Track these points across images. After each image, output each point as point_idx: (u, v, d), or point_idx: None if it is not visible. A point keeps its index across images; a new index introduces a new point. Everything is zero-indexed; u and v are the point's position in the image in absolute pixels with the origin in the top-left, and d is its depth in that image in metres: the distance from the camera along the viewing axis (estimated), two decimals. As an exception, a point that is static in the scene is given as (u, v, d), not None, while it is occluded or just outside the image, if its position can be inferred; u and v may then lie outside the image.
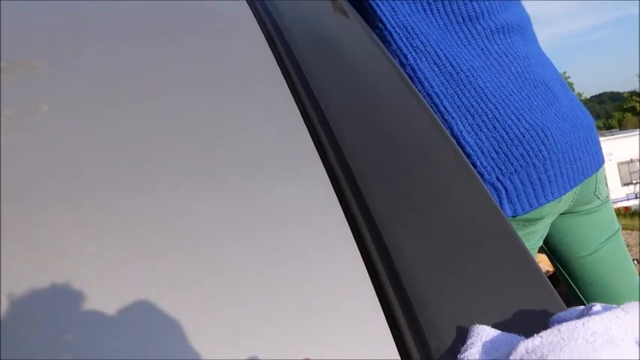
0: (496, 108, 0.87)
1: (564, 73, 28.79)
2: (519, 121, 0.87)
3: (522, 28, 0.97)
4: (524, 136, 0.86)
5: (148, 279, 0.42)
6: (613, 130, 27.59)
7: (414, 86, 0.73)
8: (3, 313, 0.39)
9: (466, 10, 0.91)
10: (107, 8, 0.67)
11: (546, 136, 0.87)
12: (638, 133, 14.69)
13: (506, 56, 0.92)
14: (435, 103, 0.89)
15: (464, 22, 0.92)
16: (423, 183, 0.56)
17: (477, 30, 0.92)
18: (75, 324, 0.39)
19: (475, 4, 0.91)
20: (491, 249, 0.51)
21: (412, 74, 0.90)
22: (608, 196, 1.07)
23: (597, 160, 0.98)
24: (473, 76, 0.88)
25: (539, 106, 0.90)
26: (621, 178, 14.30)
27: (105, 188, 0.46)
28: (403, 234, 0.49)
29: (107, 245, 0.43)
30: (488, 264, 0.49)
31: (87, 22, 0.64)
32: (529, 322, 0.43)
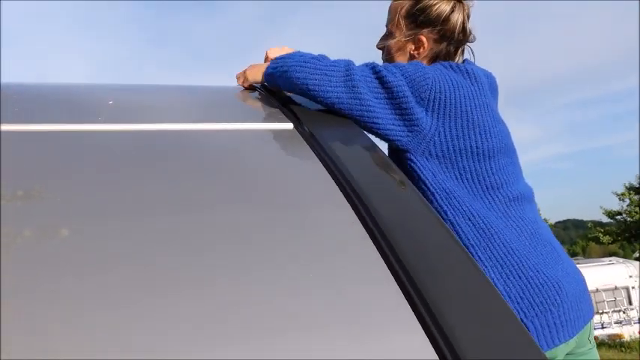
0: (520, 261, 1.07)
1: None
2: (539, 273, 1.07)
3: (530, 198, 1.21)
4: (543, 287, 1.06)
5: None
6: (578, 257, 28.43)
7: (457, 239, 0.91)
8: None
9: (490, 180, 1.14)
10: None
11: (560, 287, 1.07)
12: (601, 263, 15.16)
13: (522, 220, 1.14)
14: (470, 253, 1.08)
15: (487, 190, 1.14)
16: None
17: (498, 197, 1.14)
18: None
19: (496, 176, 1.15)
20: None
21: (451, 228, 1.10)
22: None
23: (591, 310, 1.17)
24: (500, 233, 1.09)
25: (550, 262, 1.11)
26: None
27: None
28: None
29: None
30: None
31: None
32: None
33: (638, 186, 28.12)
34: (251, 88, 1.24)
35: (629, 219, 27.34)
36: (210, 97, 1.17)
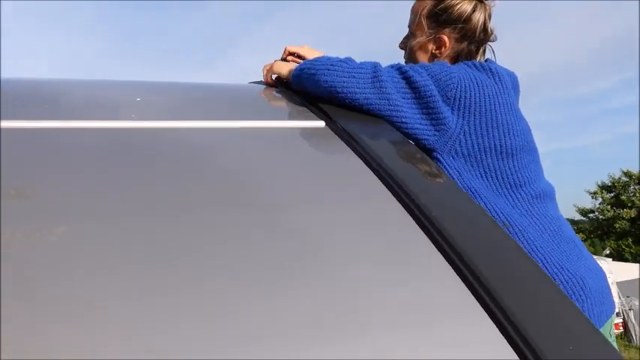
0: (545, 257, 1.08)
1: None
2: (562, 269, 1.08)
3: (552, 195, 1.22)
4: (567, 283, 1.07)
5: None
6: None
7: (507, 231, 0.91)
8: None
9: (513, 178, 1.15)
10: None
11: (584, 283, 1.08)
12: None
13: (545, 217, 1.15)
14: (495, 251, 1.09)
15: (511, 188, 1.15)
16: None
17: (521, 195, 1.15)
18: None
19: (519, 174, 1.16)
20: None
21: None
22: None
23: (612, 305, 1.19)
24: (523, 231, 1.10)
25: (573, 258, 1.12)
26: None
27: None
28: None
29: None
30: None
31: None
32: None
33: (610, 185, 28.87)
34: (269, 86, 1.24)
35: (601, 217, 28.02)
36: (230, 95, 1.15)
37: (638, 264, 19.87)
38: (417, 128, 1.09)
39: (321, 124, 0.95)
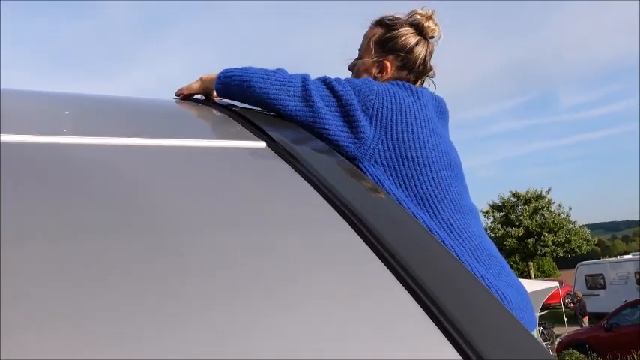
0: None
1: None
2: (483, 279, 1.13)
3: (474, 213, 1.29)
4: (487, 294, 1.13)
5: None
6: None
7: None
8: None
9: (432, 190, 1.19)
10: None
11: (505, 296, 1.14)
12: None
13: (466, 232, 1.20)
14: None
15: (431, 199, 1.18)
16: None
17: (442, 208, 1.19)
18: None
19: (438, 187, 1.19)
20: None
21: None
22: None
23: (534, 321, 1.26)
24: (443, 243, 1.15)
25: (494, 272, 1.18)
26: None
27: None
28: None
29: None
30: None
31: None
32: None
33: (500, 205, 31.04)
34: (192, 99, 1.25)
35: (492, 235, 29.96)
36: (158, 111, 1.12)
37: (524, 279, 21.45)
38: (339, 136, 1.17)
39: (262, 144, 0.94)
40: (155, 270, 0.55)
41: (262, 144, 0.93)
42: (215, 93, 1.25)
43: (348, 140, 1.17)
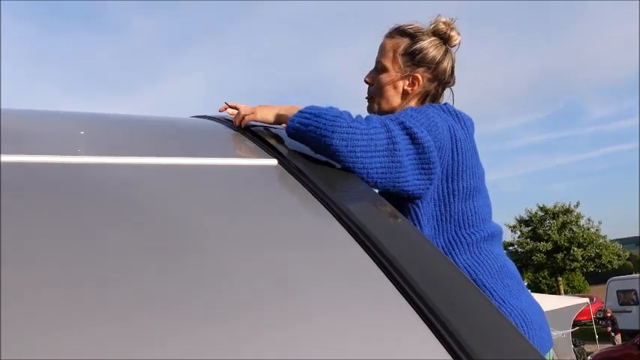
0: (491, 294, 1.11)
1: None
2: (505, 303, 1.12)
3: (499, 235, 1.27)
4: (509, 316, 1.10)
5: None
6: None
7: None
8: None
9: (469, 218, 1.19)
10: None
11: (526, 316, 1.12)
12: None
13: (491, 254, 1.19)
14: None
15: (463, 227, 1.18)
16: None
17: (473, 234, 1.19)
18: None
19: (474, 216, 1.19)
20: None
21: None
22: None
23: (550, 340, 1.24)
24: (473, 274, 1.13)
25: (515, 293, 1.16)
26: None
27: None
28: None
29: None
30: None
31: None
32: None
33: (527, 219, 30.50)
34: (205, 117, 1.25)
35: (520, 249, 29.44)
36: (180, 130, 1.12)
37: (554, 295, 20.96)
38: (415, 184, 1.09)
39: (274, 162, 0.94)
40: (167, 287, 0.55)
41: (274, 161, 0.92)
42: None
43: (422, 187, 1.10)
